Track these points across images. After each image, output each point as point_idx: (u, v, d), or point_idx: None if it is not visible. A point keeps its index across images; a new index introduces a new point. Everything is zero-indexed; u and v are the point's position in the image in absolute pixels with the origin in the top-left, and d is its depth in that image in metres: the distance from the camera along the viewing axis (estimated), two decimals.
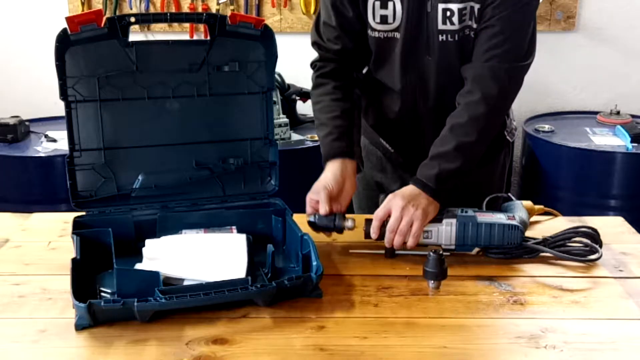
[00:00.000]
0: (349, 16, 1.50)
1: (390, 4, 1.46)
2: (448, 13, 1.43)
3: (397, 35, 1.48)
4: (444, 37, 1.45)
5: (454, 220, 1.34)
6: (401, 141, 1.69)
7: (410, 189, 1.38)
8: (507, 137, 1.68)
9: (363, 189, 1.75)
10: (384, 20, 1.48)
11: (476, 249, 1.37)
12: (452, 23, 1.43)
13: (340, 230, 1.37)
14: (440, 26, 1.44)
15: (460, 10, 1.42)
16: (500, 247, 1.35)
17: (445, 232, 1.34)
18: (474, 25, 1.44)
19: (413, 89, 1.54)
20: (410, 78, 1.52)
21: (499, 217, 1.36)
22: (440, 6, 1.43)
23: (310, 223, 1.38)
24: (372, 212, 1.41)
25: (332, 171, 1.43)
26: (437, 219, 1.35)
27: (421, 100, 1.55)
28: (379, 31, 1.49)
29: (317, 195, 1.39)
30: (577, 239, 1.37)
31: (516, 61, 1.44)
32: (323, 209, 1.36)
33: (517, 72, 1.46)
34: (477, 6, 1.42)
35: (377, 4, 1.47)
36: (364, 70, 1.64)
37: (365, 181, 1.74)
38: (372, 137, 1.71)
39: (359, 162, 1.51)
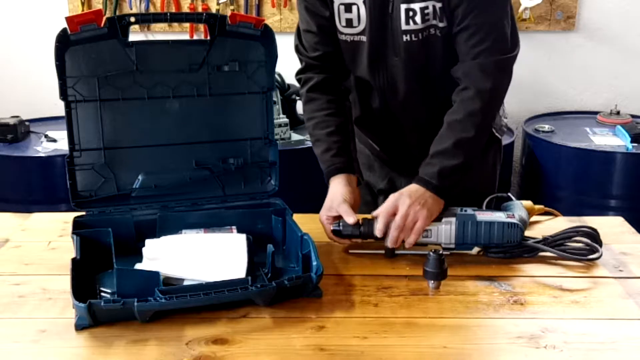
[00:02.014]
0: (326, 16, 1.50)
1: (354, 8, 1.46)
2: (410, 13, 1.43)
3: (364, 38, 1.49)
4: (408, 37, 1.45)
5: (453, 219, 1.34)
6: (384, 138, 1.69)
7: (414, 187, 1.38)
8: (497, 135, 1.68)
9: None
10: (349, 23, 1.48)
11: (476, 249, 1.37)
12: (415, 22, 1.43)
13: (367, 236, 1.37)
14: (404, 26, 1.44)
15: (422, 9, 1.42)
16: (500, 246, 1.35)
17: (445, 231, 1.34)
18: (440, 25, 1.44)
19: (383, 89, 1.54)
20: (380, 79, 1.53)
21: (499, 216, 1.36)
22: (403, 6, 1.43)
23: (334, 231, 1.38)
24: (362, 212, 1.41)
25: (342, 185, 1.44)
26: (437, 218, 1.35)
27: (392, 99, 1.55)
28: (345, 34, 1.50)
29: (335, 211, 1.39)
30: (577, 238, 1.37)
31: (502, 54, 1.44)
32: (352, 219, 1.36)
33: (505, 64, 1.46)
34: (438, 5, 1.42)
35: (342, 7, 1.48)
36: None
37: (361, 185, 1.74)
38: (359, 135, 1.71)
39: (359, 176, 1.52)
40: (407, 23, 1.44)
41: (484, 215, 1.35)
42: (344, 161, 1.48)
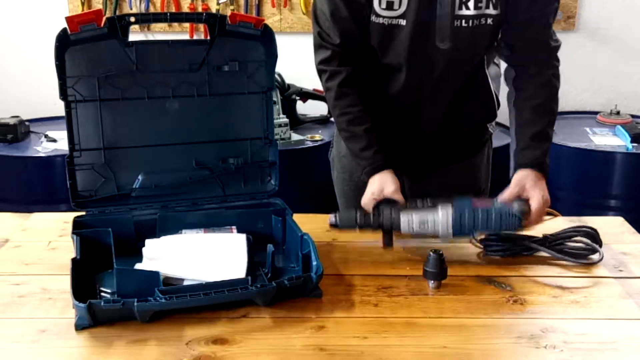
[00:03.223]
0: (361, 1, 1.46)
1: None
2: None
3: (402, 22, 1.46)
4: (459, 23, 1.44)
5: (450, 207, 1.33)
6: (397, 134, 1.67)
7: (536, 177, 1.43)
8: (490, 129, 1.70)
9: (350, 190, 1.74)
10: (389, 6, 1.45)
11: (479, 234, 1.36)
12: (467, 8, 1.43)
13: (363, 227, 1.36)
14: (456, 11, 1.43)
15: None
16: (499, 236, 1.35)
17: (442, 220, 1.33)
18: (492, 12, 1.44)
19: (420, 76, 1.52)
20: (417, 64, 1.51)
21: (496, 204, 1.35)
22: None
23: (331, 225, 1.37)
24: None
25: (391, 176, 1.46)
26: (433, 207, 1.34)
27: (427, 87, 1.54)
28: (383, 17, 1.47)
29: (383, 195, 1.41)
30: (577, 238, 1.37)
31: (556, 41, 1.59)
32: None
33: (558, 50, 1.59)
34: None
35: None
36: None
37: (353, 183, 1.73)
38: None
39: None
40: (460, 8, 1.43)
41: (481, 203, 1.35)
42: (386, 157, 1.48)
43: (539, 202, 1.38)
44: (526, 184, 1.41)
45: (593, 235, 1.37)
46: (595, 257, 1.33)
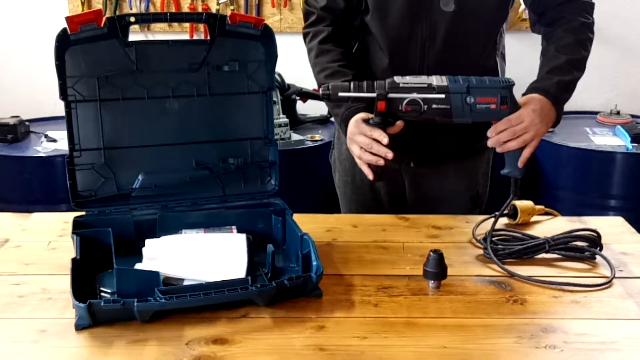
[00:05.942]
0: None
1: None
2: None
3: None
4: None
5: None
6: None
7: (537, 100, 1.40)
8: None
9: (353, 193, 1.74)
10: None
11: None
12: None
13: (358, 90, 1.32)
14: None
15: None
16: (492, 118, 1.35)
17: (436, 77, 1.32)
18: None
19: (423, 40, 1.48)
20: (421, 31, 1.47)
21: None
22: None
23: (324, 95, 1.34)
24: (359, 212, 1.39)
25: (364, 116, 1.41)
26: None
27: (430, 54, 1.50)
28: None
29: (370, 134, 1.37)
30: (577, 242, 1.37)
31: None
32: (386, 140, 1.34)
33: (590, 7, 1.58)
34: None
35: None
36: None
37: (356, 185, 1.73)
38: None
39: None
40: None
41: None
42: (363, 107, 1.44)
43: (519, 117, 1.34)
44: (524, 103, 1.37)
45: (594, 239, 1.37)
46: (595, 260, 1.33)
